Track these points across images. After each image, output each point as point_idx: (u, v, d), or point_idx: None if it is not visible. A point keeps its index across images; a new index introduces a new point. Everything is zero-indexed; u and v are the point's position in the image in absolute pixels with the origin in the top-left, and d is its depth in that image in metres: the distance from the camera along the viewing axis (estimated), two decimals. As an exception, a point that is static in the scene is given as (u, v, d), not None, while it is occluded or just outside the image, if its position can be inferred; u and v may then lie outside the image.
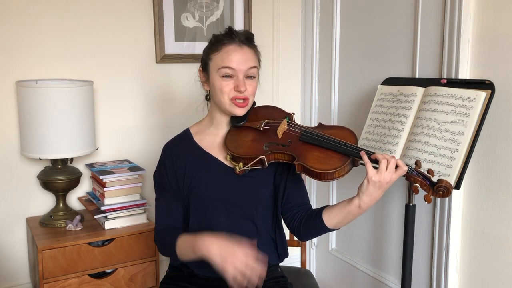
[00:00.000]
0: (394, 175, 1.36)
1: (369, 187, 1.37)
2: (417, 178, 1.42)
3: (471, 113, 1.63)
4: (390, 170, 1.35)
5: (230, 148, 1.51)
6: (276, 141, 1.52)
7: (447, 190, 1.39)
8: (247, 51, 1.50)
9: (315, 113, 2.74)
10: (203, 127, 1.63)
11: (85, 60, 2.30)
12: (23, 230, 2.28)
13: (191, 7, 2.50)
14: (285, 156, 1.48)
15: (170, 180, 1.57)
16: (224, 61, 1.48)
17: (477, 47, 1.80)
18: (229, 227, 1.56)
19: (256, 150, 1.50)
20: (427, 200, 1.42)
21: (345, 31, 2.49)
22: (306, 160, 1.44)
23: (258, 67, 1.54)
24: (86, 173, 2.32)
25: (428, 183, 1.42)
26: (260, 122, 1.56)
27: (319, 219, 1.49)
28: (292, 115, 1.61)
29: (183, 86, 2.52)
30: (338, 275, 2.65)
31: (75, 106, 2.01)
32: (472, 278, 1.90)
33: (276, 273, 1.67)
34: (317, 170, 1.41)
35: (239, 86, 1.47)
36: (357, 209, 1.42)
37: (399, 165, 1.37)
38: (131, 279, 2.12)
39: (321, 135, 1.49)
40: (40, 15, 2.19)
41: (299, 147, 1.48)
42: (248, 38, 1.53)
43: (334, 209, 1.48)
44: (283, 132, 1.53)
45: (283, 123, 1.55)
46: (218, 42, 1.51)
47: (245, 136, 1.55)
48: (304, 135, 1.50)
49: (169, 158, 1.59)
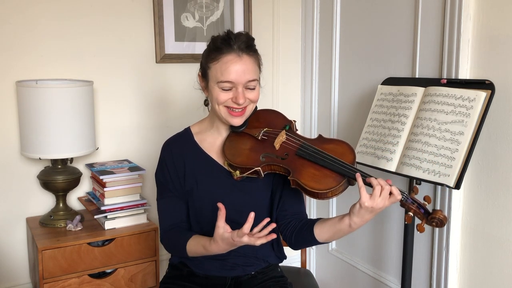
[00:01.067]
0: (387, 202, 1.34)
1: (361, 211, 1.35)
2: (411, 206, 1.38)
3: (471, 113, 1.63)
4: (383, 197, 1.33)
5: (228, 156, 1.51)
6: (273, 152, 1.49)
7: (441, 222, 1.35)
8: (246, 61, 1.45)
9: (315, 114, 2.74)
10: (204, 127, 1.62)
11: (85, 60, 2.30)
12: (23, 230, 2.28)
13: (191, 7, 2.50)
14: (281, 169, 1.47)
15: (173, 178, 1.56)
16: (223, 73, 1.43)
17: (477, 47, 1.80)
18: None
19: (252, 161, 1.48)
20: (419, 229, 1.37)
21: (345, 31, 2.49)
22: (301, 176, 1.42)
23: (258, 79, 1.50)
24: (86, 173, 2.32)
25: (423, 211, 1.37)
26: (259, 131, 1.54)
27: (310, 233, 1.49)
28: (293, 122, 1.58)
29: (183, 86, 2.52)
30: (338, 275, 2.65)
31: (75, 106, 2.01)
32: (472, 278, 1.90)
33: (276, 273, 1.67)
34: (311, 188, 1.39)
35: (238, 99, 1.44)
36: (347, 228, 1.41)
37: (393, 192, 1.34)
38: (131, 279, 2.12)
39: (318, 151, 1.46)
40: (40, 15, 2.19)
41: (295, 162, 1.45)
42: (248, 46, 1.47)
43: (326, 225, 1.47)
44: (281, 144, 1.51)
45: (281, 134, 1.52)
46: (216, 50, 1.46)
47: (243, 143, 1.53)
48: (301, 149, 1.47)
49: (169, 155, 1.58)
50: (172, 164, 1.57)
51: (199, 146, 1.59)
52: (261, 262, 1.63)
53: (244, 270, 1.60)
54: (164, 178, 1.58)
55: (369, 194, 1.33)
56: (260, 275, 1.63)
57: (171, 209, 1.58)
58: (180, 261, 1.64)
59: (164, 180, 1.58)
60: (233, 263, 1.59)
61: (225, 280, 1.60)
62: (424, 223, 1.37)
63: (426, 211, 1.38)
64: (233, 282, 1.60)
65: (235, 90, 1.45)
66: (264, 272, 1.64)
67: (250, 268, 1.61)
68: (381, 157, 1.82)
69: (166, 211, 1.59)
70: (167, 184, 1.58)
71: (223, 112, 1.49)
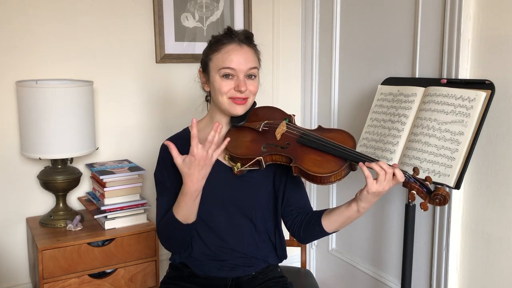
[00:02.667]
0: (392, 183, 1.40)
1: (368, 196, 1.40)
2: (414, 185, 1.43)
3: (471, 113, 1.63)
4: (388, 180, 1.38)
5: (229, 148, 1.51)
6: (275, 142, 1.51)
7: (444, 198, 1.39)
8: (247, 50, 1.50)
9: (315, 113, 2.74)
10: (203, 126, 1.62)
11: (85, 60, 2.30)
12: (23, 230, 2.28)
13: (191, 7, 2.50)
14: (283, 158, 1.48)
15: (171, 178, 1.56)
16: (224, 61, 1.47)
17: (477, 47, 1.80)
18: (228, 226, 1.57)
19: (254, 151, 1.50)
20: (423, 207, 1.42)
21: (345, 31, 2.49)
22: (303, 162, 1.44)
23: (258, 68, 1.54)
24: (86, 173, 2.32)
25: (425, 190, 1.42)
26: (260, 123, 1.56)
27: (318, 225, 1.52)
28: (292, 116, 1.61)
29: (183, 86, 2.52)
30: (338, 275, 2.65)
31: (75, 106, 2.01)
32: (472, 278, 1.90)
33: (276, 273, 1.67)
34: (314, 173, 1.41)
35: (240, 86, 1.47)
36: (356, 214, 1.46)
37: (396, 174, 1.38)
38: (131, 279, 2.12)
39: (319, 138, 1.49)
40: (40, 15, 2.19)
41: (296, 150, 1.48)
42: (248, 37, 1.53)
43: (333, 215, 1.50)
44: (282, 134, 1.53)
45: (282, 124, 1.55)
46: (217, 42, 1.51)
47: (244, 136, 1.55)
48: (302, 137, 1.50)
49: (169, 155, 1.56)
50: (171, 163, 1.55)
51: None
52: (261, 263, 1.63)
53: (244, 271, 1.60)
54: (163, 178, 1.58)
55: (375, 180, 1.38)
56: (260, 275, 1.63)
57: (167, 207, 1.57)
58: (180, 262, 1.64)
59: (163, 179, 1.58)
60: (233, 264, 1.59)
61: (226, 281, 1.60)
62: (427, 201, 1.42)
63: (429, 190, 1.42)
64: (234, 283, 1.60)
65: (237, 79, 1.48)
66: (264, 273, 1.64)
67: (250, 268, 1.61)
68: (381, 157, 1.82)
69: (163, 207, 1.58)
70: (164, 183, 1.58)
71: (226, 103, 1.50)
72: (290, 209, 1.60)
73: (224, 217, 1.56)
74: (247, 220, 1.58)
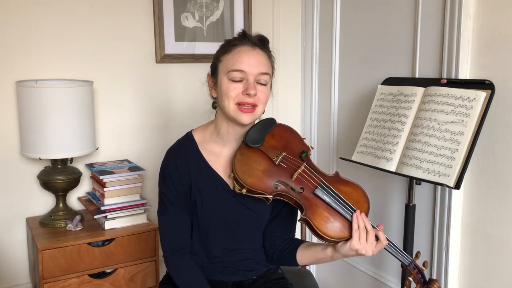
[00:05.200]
0: (375, 249, 1.38)
1: (349, 252, 1.38)
2: (412, 271, 1.45)
3: (471, 113, 1.63)
4: (370, 243, 1.36)
5: (238, 173, 1.39)
6: (289, 182, 1.40)
7: None
8: (260, 53, 1.40)
9: (315, 113, 2.74)
10: (208, 136, 1.52)
11: (85, 60, 2.30)
12: (23, 230, 2.28)
13: (191, 7, 2.50)
14: (292, 200, 1.40)
15: (177, 188, 1.48)
16: (234, 63, 1.37)
17: (477, 47, 1.80)
18: (228, 246, 1.55)
19: (264, 186, 1.39)
20: None
21: (345, 31, 2.49)
22: (314, 218, 1.37)
23: (271, 75, 1.43)
24: (86, 173, 2.32)
25: (421, 278, 1.45)
26: (277, 153, 1.43)
27: (292, 256, 1.52)
28: (310, 149, 1.49)
29: (183, 86, 2.52)
30: (338, 275, 2.65)
31: (75, 106, 2.01)
32: (472, 278, 1.90)
33: (277, 274, 1.66)
34: (321, 233, 1.36)
35: (249, 89, 1.36)
36: (329, 259, 1.45)
37: (379, 237, 1.38)
38: (131, 279, 2.12)
39: (336, 195, 1.40)
40: (40, 15, 2.19)
41: (310, 199, 1.39)
42: (262, 40, 1.43)
43: (308, 252, 1.50)
44: (299, 174, 1.41)
45: (301, 167, 1.42)
46: (229, 43, 1.42)
47: (256, 162, 1.42)
48: (320, 189, 1.40)
49: (173, 165, 1.49)
50: (176, 172, 1.48)
51: (204, 158, 1.50)
52: (262, 267, 1.60)
53: (245, 275, 1.58)
54: (169, 191, 1.49)
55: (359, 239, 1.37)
56: (261, 279, 1.61)
57: (173, 226, 1.50)
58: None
59: (168, 193, 1.49)
60: (234, 268, 1.57)
61: (226, 285, 1.58)
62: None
63: (424, 279, 1.46)
64: (234, 287, 1.59)
65: (246, 82, 1.37)
66: (265, 276, 1.62)
67: (251, 273, 1.59)
68: (381, 157, 1.82)
69: (167, 229, 1.50)
70: (169, 196, 1.49)
71: (232, 109, 1.38)
72: (274, 234, 1.57)
73: (224, 236, 1.53)
74: (247, 230, 1.55)
